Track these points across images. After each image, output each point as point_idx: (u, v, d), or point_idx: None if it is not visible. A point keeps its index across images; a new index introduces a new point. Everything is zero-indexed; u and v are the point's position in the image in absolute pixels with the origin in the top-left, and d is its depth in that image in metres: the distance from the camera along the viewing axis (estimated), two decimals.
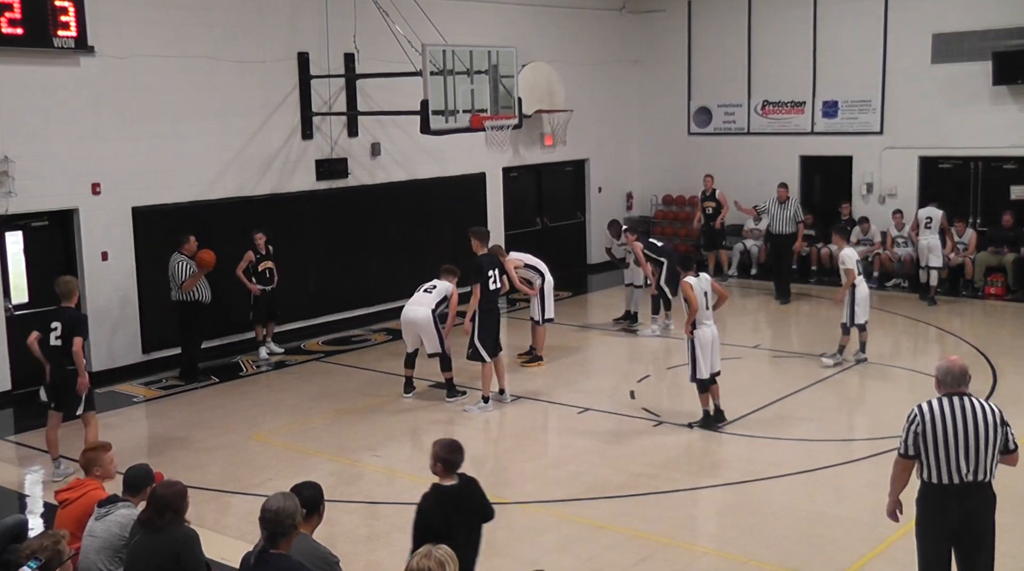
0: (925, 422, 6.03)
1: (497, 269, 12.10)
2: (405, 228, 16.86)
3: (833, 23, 18.97)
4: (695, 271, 11.13)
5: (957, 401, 6.06)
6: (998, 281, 16.98)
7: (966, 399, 6.07)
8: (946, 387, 6.13)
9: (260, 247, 14.11)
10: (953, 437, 5.97)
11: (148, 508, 5.86)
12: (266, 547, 5.16)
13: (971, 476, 5.98)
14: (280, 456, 10.55)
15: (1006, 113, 17.30)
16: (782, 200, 17.54)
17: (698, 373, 10.87)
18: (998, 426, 6.03)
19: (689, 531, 8.47)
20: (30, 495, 9.87)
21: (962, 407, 6.03)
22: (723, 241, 19.11)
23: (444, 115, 13.51)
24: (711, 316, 11.00)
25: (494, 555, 8.06)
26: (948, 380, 6.12)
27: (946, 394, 6.11)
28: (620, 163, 21.33)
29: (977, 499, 6.04)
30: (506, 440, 11.34)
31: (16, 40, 12.17)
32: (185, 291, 13.08)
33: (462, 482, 6.19)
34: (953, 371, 6.13)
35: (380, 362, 14.11)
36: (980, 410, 6.03)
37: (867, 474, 9.59)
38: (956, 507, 6.03)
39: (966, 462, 5.97)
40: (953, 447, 5.97)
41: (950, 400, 6.07)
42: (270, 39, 14.90)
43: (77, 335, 9.70)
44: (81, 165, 13.01)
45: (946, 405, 6.05)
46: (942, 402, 6.07)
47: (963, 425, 5.98)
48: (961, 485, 5.99)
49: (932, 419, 6.02)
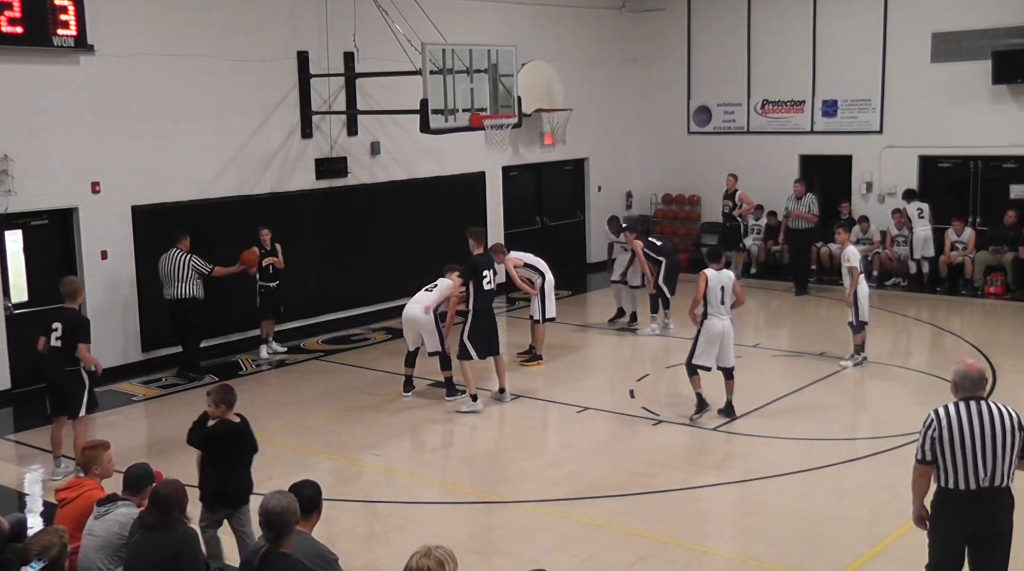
0: (942, 427, 5.94)
1: (492, 270, 12.08)
2: (405, 227, 16.86)
3: (833, 22, 18.97)
4: (720, 265, 11.21)
5: (975, 406, 5.96)
6: (998, 280, 16.98)
7: (983, 404, 5.98)
8: (964, 391, 6.02)
9: (265, 243, 14.11)
10: (971, 442, 5.88)
11: (153, 509, 5.83)
12: (270, 548, 5.19)
13: (988, 481, 5.90)
14: (280, 455, 10.55)
15: (1006, 112, 17.30)
16: (799, 195, 17.91)
17: (694, 359, 10.90)
18: (1016, 431, 5.93)
19: (688, 530, 8.46)
20: (29, 494, 9.87)
21: (979, 412, 5.93)
22: (740, 242, 18.95)
23: (444, 114, 13.50)
24: (726, 311, 11.00)
25: (494, 554, 8.07)
26: (966, 384, 6.02)
27: (963, 398, 6.01)
28: (619, 162, 21.33)
29: (995, 504, 5.96)
30: (506, 439, 11.34)
31: (16, 39, 12.15)
32: (217, 276, 13.47)
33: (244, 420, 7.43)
34: (971, 375, 6.03)
35: (380, 361, 14.11)
36: (998, 415, 5.94)
37: (867, 473, 9.60)
38: (973, 512, 5.94)
39: (984, 467, 5.88)
40: (971, 452, 5.88)
41: (967, 405, 5.97)
42: (270, 38, 14.89)
43: (80, 341, 9.71)
44: (81, 164, 13.01)
45: (963, 410, 5.95)
46: (959, 407, 5.97)
47: (980, 430, 5.89)
48: (979, 491, 5.91)
49: (949, 424, 5.93)
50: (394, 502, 9.28)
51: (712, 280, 10.94)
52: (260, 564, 5.19)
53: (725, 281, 11.02)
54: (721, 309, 10.96)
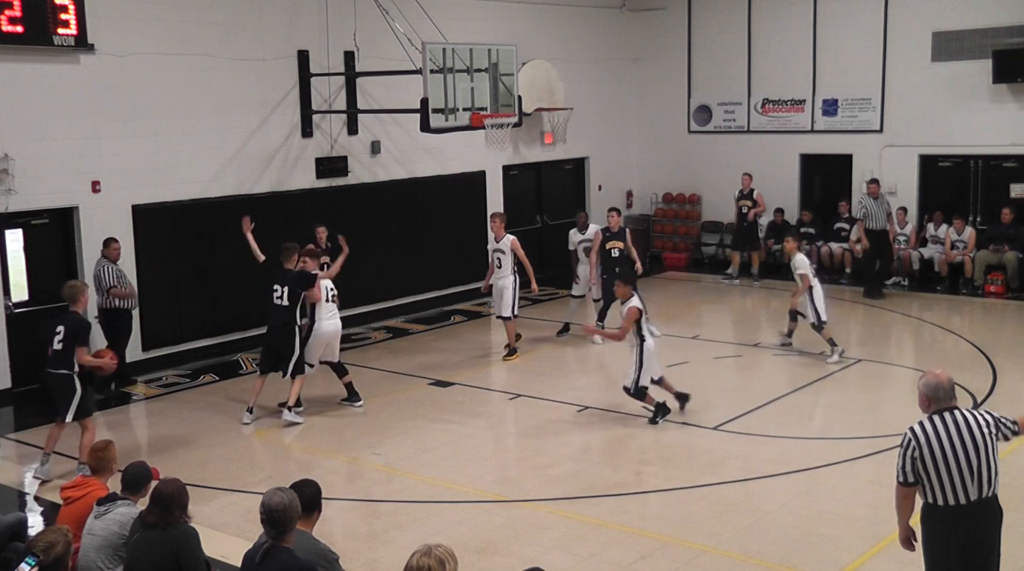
0: (921, 446, 5.73)
1: (287, 287, 11.31)
2: (405, 226, 16.86)
3: (833, 21, 18.97)
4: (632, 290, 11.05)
5: (949, 417, 5.78)
6: (998, 279, 16.98)
7: (957, 413, 5.80)
8: (938, 403, 5.83)
9: (321, 241, 14.11)
10: (953, 457, 5.70)
11: (155, 508, 5.83)
12: (271, 543, 5.23)
13: (976, 494, 5.73)
14: (280, 454, 10.56)
15: (1006, 111, 17.31)
16: (875, 196, 17.04)
17: (640, 381, 10.94)
18: (993, 432, 5.79)
19: (688, 529, 8.46)
20: (30, 493, 9.87)
21: (955, 423, 5.75)
22: (756, 241, 18.90)
23: (444, 113, 13.50)
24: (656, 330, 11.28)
25: (494, 553, 8.07)
26: (941, 395, 5.82)
27: (937, 411, 5.82)
28: (620, 161, 21.33)
29: (985, 515, 5.80)
30: (506, 438, 11.34)
31: (16, 38, 12.16)
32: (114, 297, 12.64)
33: None
34: (944, 385, 5.83)
35: (380, 360, 14.12)
36: (975, 423, 5.78)
37: (866, 472, 9.60)
38: (964, 526, 5.76)
39: (971, 480, 5.70)
40: (956, 468, 5.69)
41: (942, 418, 5.78)
42: (270, 37, 14.89)
43: (79, 345, 9.67)
44: (81, 163, 13.01)
45: (939, 424, 5.76)
46: (934, 421, 5.78)
47: (962, 443, 5.71)
48: (968, 505, 5.73)
49: (928, 441, 5.73)
50: (395, 501, 9.28)
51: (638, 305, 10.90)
52: (262, 559, 5.22)
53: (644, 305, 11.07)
54: (653, 330, 11.20)
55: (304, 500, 5.53)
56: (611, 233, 14.70)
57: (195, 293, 14.21)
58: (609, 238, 14.66)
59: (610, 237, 14.67)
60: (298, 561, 5.25)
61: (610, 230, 14.71)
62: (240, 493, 9.42)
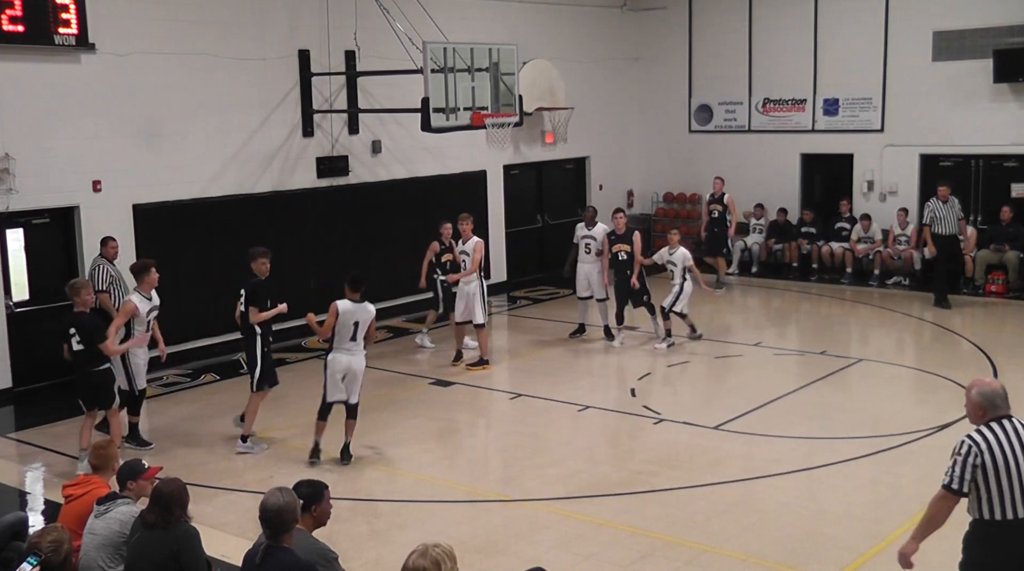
0: (983, 452, 5.47)
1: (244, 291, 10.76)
2: (406, 226, 16.85)
3: (834, 21, 18.96)
4: (358, 295, 10.06)
5: (1009, 426, 5.56)
6: (999, 279, 16.98)
7: (1016, 421, 5.60)
8: (995, 411, 5.59)
9: (445, 238, 14.12)
10: (1016, 467, 5.46)
11: (155, 507, 5.83)
12: (270, 543, 5.25)
13: None
14: (280, 454, 10.55)
15: (1007, 111, 17.30)
16: (944, 199, 16.18)
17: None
18: None
19: (689, 528, 8.46)
20: (31, 492, 9.88)
21: (1016, 432, 5.55)
22: (724, 248, 18.59)
23: (445, 113, 13.49)
24: (356, 346, 10.14)
25: (495, 553, 8.07)
26: (997, 402, 5.60)
27: (995, 419, 5.59)
28: (621, 161, 21.32)
29: None
30: (507, 438, 11.34)
31: (17, 37, 12.16)
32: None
33: None
34: (1000, 393, 5.62)
35: (380, 359, 14.11)
36: None
37: (868, 471, 9.60)
38: (1020, 545, 5.48)
39: None
40: (1017, 478, 5.46)
41: (1001, 426, 5.56)
42: (271, 36, 14.89)
43: (99, 342, 9.87)
44: (82, 162, 13.02)
45: (999, 432, 5.52)
46: (993, 429, 5.55)
47: (1022, 452, 5.50)
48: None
49: (991, 450, 5.47)
50: (395, 500, 9.28)
51: (345, 314, 9.96)
52: (262, 559, 5.24)
53: (361, 316, 10.03)
54: (351, 345, 10.08)
55: (302, 499, 5.57)
56: (617, 236, 14.54)
57: (196, 292, 14.20)
58: (616, 241, 14.51)
59: (616, 240, 14.51)
60: (298, 561, 5.26)
61: (616, 233, 14.59)
62: (240, 493, 9.42)
